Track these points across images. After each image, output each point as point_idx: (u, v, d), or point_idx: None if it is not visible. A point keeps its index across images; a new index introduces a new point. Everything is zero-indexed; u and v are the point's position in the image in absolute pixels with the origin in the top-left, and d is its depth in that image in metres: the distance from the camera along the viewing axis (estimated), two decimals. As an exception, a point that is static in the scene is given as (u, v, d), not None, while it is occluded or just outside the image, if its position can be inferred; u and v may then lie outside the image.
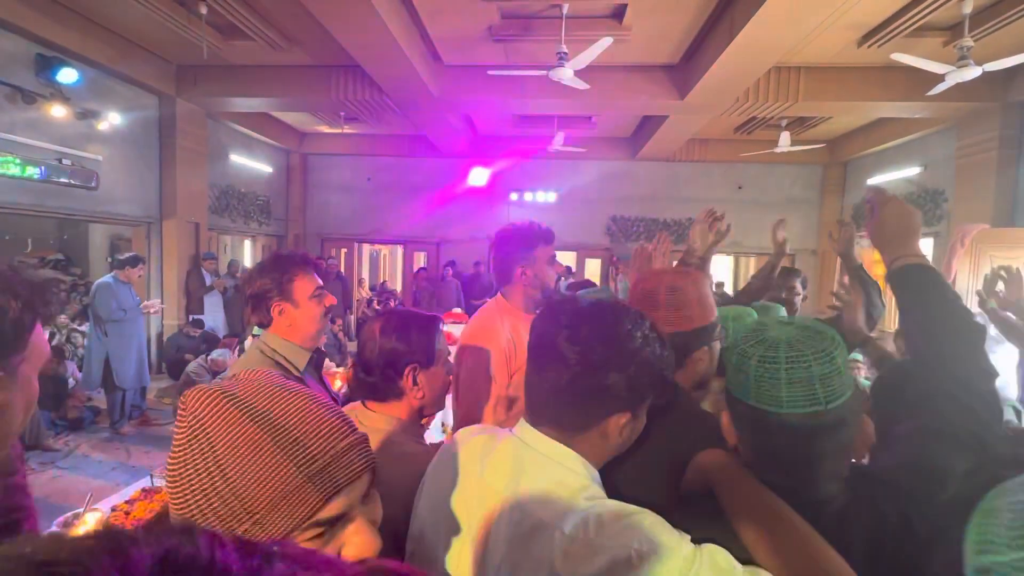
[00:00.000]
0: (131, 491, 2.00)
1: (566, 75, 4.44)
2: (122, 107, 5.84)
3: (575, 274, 8.60)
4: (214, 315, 6.84)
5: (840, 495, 0.76)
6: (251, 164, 8.43)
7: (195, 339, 6.29)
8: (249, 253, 9.13)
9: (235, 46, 5.57)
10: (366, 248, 11.07)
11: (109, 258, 8.17)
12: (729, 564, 0.63)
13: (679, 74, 5.75)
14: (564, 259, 8.64)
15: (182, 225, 6.66)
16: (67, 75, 4.96)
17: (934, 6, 4.20)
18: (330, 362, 3.92)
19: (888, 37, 4.75)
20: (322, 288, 1.62)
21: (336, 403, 0.66)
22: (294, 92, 6.37)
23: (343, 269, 9.52)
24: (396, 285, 11.43)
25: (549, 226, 1.78)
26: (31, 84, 4.85)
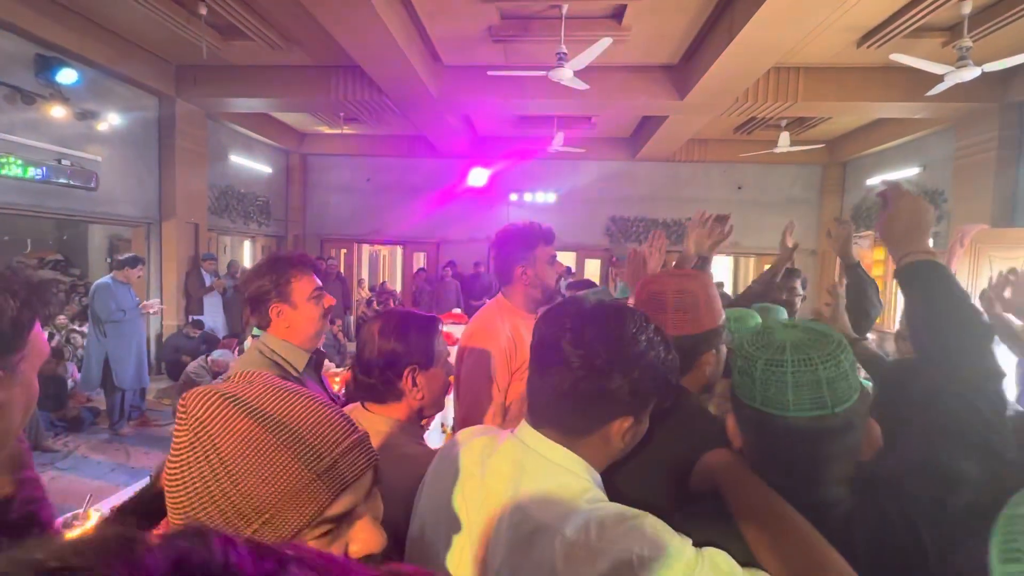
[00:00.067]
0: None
1: (566, 75, 4.43)
2: (121, 107, 5.83)
3: (575, 274, 8.59)
4: (214, 316, 6.83)
5: (846, 498, 0.76)
6: (251, 165, 8.42)
7: (194, 340, 6.28)
8: (249, 254, 9.13)
9: (235, 46, 5.56)
10: (366, 249, 11.06)
11: (108, 259, 8.15)
12: (729, 567, 0.63)
13: (679, 74, 5.75)
14: (564, 259, 8.58)
15: (181, 226, 6.64)
16: (66, 75, 4.95)
17: (933, 7, 4.20)
18: (329, 363, 3.91)
19: (887, 38, 4.75)
20: (321, 289, 1.60)
21: (335, 403, 0.66)
22: (294, 92, 6.36)
23: (343, 270, 9.51)
24: (396, 286, 11.41)
25: (549, 226, 1.77)
26: (30, 85, 4.84)
